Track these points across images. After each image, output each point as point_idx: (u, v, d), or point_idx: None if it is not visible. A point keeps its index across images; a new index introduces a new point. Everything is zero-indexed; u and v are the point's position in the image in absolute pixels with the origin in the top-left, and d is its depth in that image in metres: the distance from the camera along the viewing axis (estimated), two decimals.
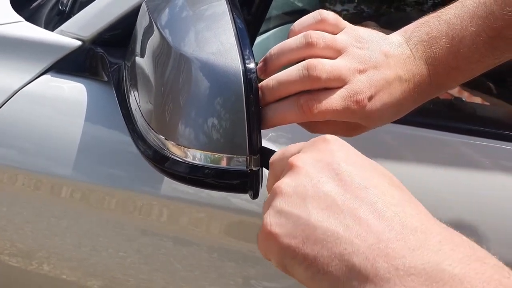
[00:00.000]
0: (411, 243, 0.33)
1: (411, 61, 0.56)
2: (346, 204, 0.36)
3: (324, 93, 0.53)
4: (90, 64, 0.84)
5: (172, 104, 0.55)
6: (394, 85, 0.55)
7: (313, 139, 0.42)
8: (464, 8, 0.56)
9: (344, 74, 0.53)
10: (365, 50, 0.55)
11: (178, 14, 0.59)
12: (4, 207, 0.89)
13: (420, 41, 0.56)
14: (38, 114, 0.83)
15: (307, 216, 0.36)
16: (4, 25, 0.89)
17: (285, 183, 0.39)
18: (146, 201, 0.80)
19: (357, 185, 0.37)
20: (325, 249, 0.34)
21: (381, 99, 0.55)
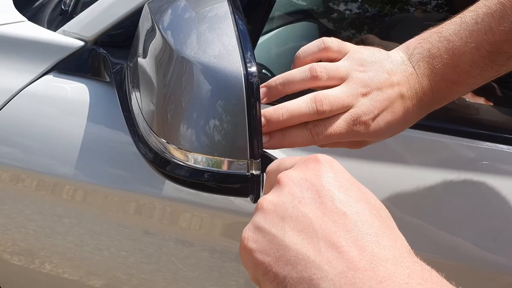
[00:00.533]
0: (379, 274, 0.33)
1: (414, 78, 0.58)
2: (322, 228, 0.36)
3: (330, 119, 0.56)
4: (92, 64, 0.84)
5: (173, 107, 0.54)
6: (397, 103, 0.58)
7: (307, 157, 0.43)
8: (463, 25, 0.57)
9: (346, 102, 0.56)
10: (368, 73, 0.58)
11: (180, 16, 0.59)
12: (6, 206, 0.90)
13: (422, 58, 0.58)
14: (40, 113, 0.83)
15: (282, 236, 0.37)
16: (7, 25, 0.89)
17: (267, 200, 0.40)
18: (148, 201, 0.81)
19: (336, 210, 0.37)
20: (295, 271, 0.35)
21: (385, 118, 0.57)
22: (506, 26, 0.55)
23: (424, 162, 0.76)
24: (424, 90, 0.58)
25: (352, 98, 0.56)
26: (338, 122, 0.56)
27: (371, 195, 0.40)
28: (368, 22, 1.12)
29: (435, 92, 0.58)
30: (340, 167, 0.42)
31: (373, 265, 0.34)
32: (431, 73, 0.58)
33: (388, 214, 0.39)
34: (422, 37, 0.60)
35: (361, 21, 1.12)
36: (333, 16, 1.14)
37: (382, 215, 0.38)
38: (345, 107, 0.56)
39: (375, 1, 1.12)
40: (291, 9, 1.13)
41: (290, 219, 0.37)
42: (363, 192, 0.40)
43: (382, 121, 0.57)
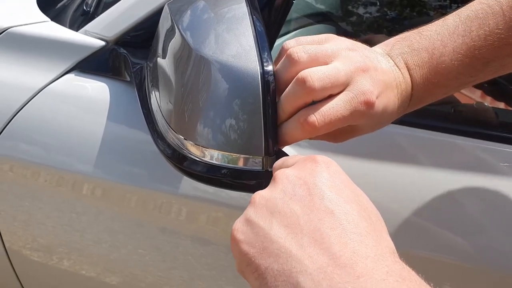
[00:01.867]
0: (357, 270, 0.34)
1: (396, 70, 0.55)
2: (307, 225, 0.37)
3: (324, 102, 0.50)
4: (113, 64, 0.86)
5: (191, 105, 0.55)
6: (389, 90, 0.54)
7: (306, 157, 0.43)
8: (445, 26, 0.56)
9: (342, 77, 0.50)
10: (359, 52, 0.53)
11: (199, 16, 0.60)
12: (27, 202, 0.91)
13: (401, 53, 0.56)
14: (61, 111, 0.85)
15: (269, 229, 0.38)
16: (31, 24, 0.91)
17: (260, 194, 0.41)
18: (165, 199, 0.81)
19: (324, 208, 0.38)
20: (276, 263, 0.36)
21: (383, 101, 0.53)
22: (485, 30, 0.54)
23: (441, 164, 0.76)
24: (407, 85, 0.56)
25: (350, 74, 0.51)
26: (336, 104, 0.50)
27: (365, 198, 0.41)
28: (386, 25, 1.12)
29: (414, 89, 0.56)
30: (337, 169, 0.42)
31: (352, 261, 0.34)
32: (410, 69, 0.56)
33: (379, 218, 0.40)
34: (401, 36, 0.58)
35: (379, 24, 1.12)
36: (351, 18, 1.14)
37: (371, 217, 0.39)
38: (342, 84, 0.50)
39: (394, 4, 1.12)
40: (310, 11, 1.14)
41: (279, 214, 0.39)
42: (356, 194, 0.40)
43: (381, 103, 0.52)
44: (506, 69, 0.57)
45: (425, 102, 0.59)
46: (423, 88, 0.56)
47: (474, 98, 0.91)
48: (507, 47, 0.55)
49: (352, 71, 0.51)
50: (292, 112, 0.51)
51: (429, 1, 1.11)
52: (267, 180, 0.53)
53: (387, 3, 1.13)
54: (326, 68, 0.50)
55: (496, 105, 0.91)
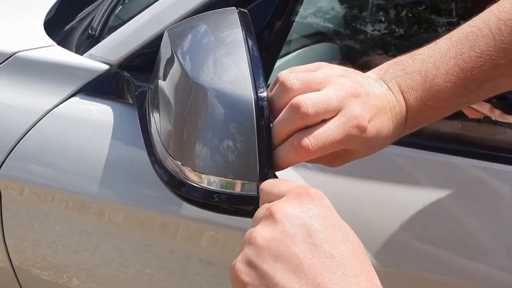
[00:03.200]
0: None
1: (389, 94, 0.56)
2: (310, 269, 0.38)
3: (318, 127, 0.51)
4: (116, 87, 0.87)
5: (189, 129, 0.56)
6: (382, 114, 0.55)
7: (299, 190, 0.44)
8: (437, 49, 0.57)
9: (334, 102, 0.51)
10: (350, 78, 0.54)
11: (199, 41, 0.60)
12: (37, 222, 0.93)
13: (395, 77, 0.56)
14: (67, 134, 0.87)
15: (273, 274, 0.39)
16: (37, 49, 0.93)
17: (260, 234, 0.42)
18: (173, 220, 0.82)
19: (324, 252, 0.39)
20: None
21: (374, 125, 0.53)
22: (477, 52, 0.55)
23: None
24: (401, 109, 0.56)
25: (341, 99, 0.51)
26: (329, 128, 0.51)
27: (351, 233, 0.43)
28: (389, 44, 1.12)
29: (409, 113, 0.57)
30: (329, 205, 0.43)
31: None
32: (404, 92, 0.56)
33: (364, 251, 0.42)
34: (394, 61, 0.58)
35: (382, 43, 1.12)
36: (352, 38, 1.14)
37: (360, 255, 0.41)
38: (334, 109, 0.51)
39: (396, 23, 1.12)
40: (310, 31, 1.15)
41: (282, 258, 0.39)
42: (346, 231, 0.42)
43: (374, 128, 0.53)
44: (499, 89, 0.57)
45: (421, 125, 0.59)
46: (417, 111, 0.57)
47: (482, 112, 0.91)
48: (498, 68, 0.55)
49: (344, 96, 0.52)
50: (285, 137, 0.52)
51: (433, 18, 1.12)
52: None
53: (387, 21, 1.13)
54: (318, 94, 0.51)
55: (506, 119, 0.90)
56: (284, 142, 0.52)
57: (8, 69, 0.92)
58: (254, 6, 0.78)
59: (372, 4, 1.18)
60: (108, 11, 1.04)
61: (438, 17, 1.12)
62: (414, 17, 1.11)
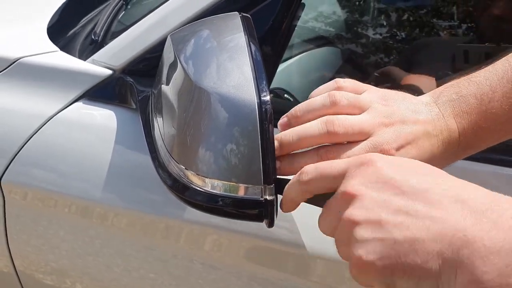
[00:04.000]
0: (485, 225, 0.37)
1: (440, 118, 0.56)
2: (419, 212, 0.40)
3: (345, 145, 0.54)
4: (119, 92, 0.87)
5: (193, 134, 0.57)
6: (423, 140, 0.55)
7: (356, 160, 0.46)
8: (494, 71, 0.56)
9: (366, 128, 0.54)
10: (391, 107, 0.56)
11: (202, 46, 0.61)
12: (41, 227, 0.93)
13: (448, 100, 0.57)
14: (70, 139, 0.87)
15: (390, 235, 0.40)
16: (41, 55, 0.94)
17: (354, 214, 0.43)
18: (176, 224, 0.82)
19: (420, 191, 0.41)
20: (418, 256, 0.39)
21: (409, 152, 0.54)
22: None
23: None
24: (451, 133, 0.56)
25: (373, 126, 0.54)
26: (354, 149, 0.53)
27: (422, 163, 0.46)
28: (390, 48, 1.12)
29: (461, 136, 0.56)
30: (388, 156, 0.47)
31: (476, 220, 0.38)
32: (457, 115, 0.56)
33: (442, 171, 0.45)
34: (450, 83, 0.58)
35: (383, 46, 1.12)
36: (355, 41, 1.15)
37: (444, 173, 0.44)
38: (364, 134, 0.54)
39: (398, 26, 1.13)
40: (314, 35, 1.15)
41: (387, 219, 0.41)
42: (418, 164, 0.46)
43: (406, 154, 0.54)
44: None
45: (479, 148, 0.59)
46: (472, 134, 0.56)
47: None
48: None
49: (376, 124, 0.54)
50: (306, 144, 0.55)
51: (434, 21, 1.12)
52: (266, 209, 0.54)
53: (389, 25, 1.13)
54: (354, 117, 0.55)
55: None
56: (309, 150, 0.55)
57: (11, 74, 0.93)
58: (256, 11, 0.79)
59: (373, 8, 1.19)
60: (111, 17, 1.04)
61: (440, 20, 1.12)
62: (415, 21, 1.11)
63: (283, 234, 0.75)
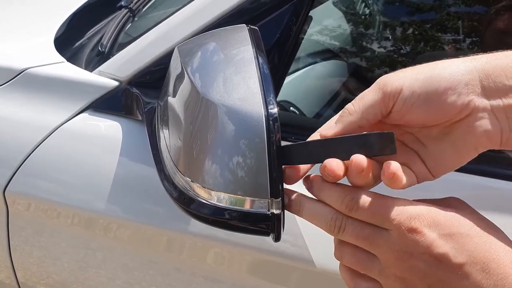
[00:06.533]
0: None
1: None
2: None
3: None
4: (125, 103, 0.87)
5: (199, 145, 0.56)
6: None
7: (406, 229, 0.46)
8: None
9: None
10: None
11: (209, 59, 0.61)
12: (43, 238, 0.92)
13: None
14: (76, 149, 0.87)
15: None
16: (47, 65, 0.94)
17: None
18: (179, 237, 0.82)
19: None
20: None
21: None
22: None
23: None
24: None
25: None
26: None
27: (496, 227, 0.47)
28: (396, 61, 1.12)
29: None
30: (438, 220, 0.46)
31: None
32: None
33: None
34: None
35: (389, 60, 1.12)
36: (361, 55, 1.15)
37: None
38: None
39: (403, 40, 1.13)
40: (320, 48, 1.15)
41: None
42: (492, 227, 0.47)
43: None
44: None
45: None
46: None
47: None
48: None
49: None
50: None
51: (439, 35, 1.12)
52: (273, 223, 0.53)
53: (394, 39, 1.14)
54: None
55: None
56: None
57: (18, 85, 0.93)
58: (263, 24, 0.79)
59: (379, 22, 1.19)
60: (118, 28, 1.05)
61: (445, 34, 1.12)
62: (421, 35, 1.12)
63: (287, 248, 0.74)
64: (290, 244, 0.74)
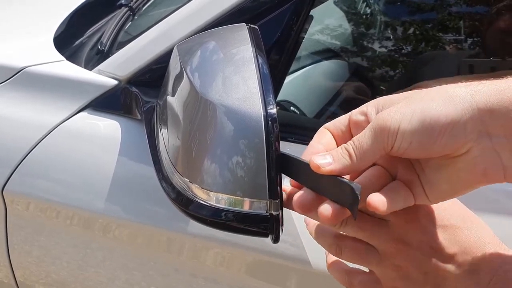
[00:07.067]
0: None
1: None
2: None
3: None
4: (124, 102, 0.87)
5: (198, 145, 0.56)
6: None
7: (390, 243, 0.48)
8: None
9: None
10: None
11: (208, 58, 0.60)
12: (43, 237, 0.92)
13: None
14: (74, 149, 0.86)
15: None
16: (46, 64, 0.94)
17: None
18: (178, 237, 0.81)
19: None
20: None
21: None
22: None
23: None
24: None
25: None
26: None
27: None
28: (397, 61, 1.12)
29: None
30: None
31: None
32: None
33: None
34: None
35: (390, 60, 1.12)
36: (362, 54, 1.14)
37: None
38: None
39: (404, 40, 1.12)
40: (321, 47, 1.15)
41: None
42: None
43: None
44: None
45: None
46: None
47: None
48: None
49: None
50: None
51: (440, 35, 1.12)
52: (271, 224, 0.53)
53: (395, 39, 1.13)
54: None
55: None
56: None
57: (17, 83, 0.93)
58: (264, 23, 0.78)
59: (380, 22, 1.18)
60: (118, 27, 1.04)
61: (446, 34, 1.12)
62: (422, 35, 1.11)
63: (287, 249, 0.74)
64: (289, 244, 0.74)
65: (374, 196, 0.44)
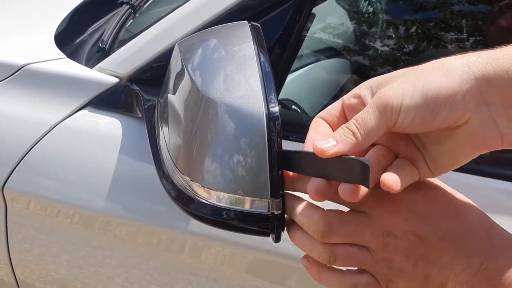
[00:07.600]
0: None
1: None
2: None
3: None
4: (125, 100, 0.87)
5: (199, 144, 0.55)
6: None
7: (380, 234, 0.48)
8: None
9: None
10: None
11: (209, 56, 0.60)
12: (43, 236, 0.92)
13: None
14: (75, 147, 0.86)
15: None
16: (47, 62, 0.93)
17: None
18: (179, 236, 0.81)
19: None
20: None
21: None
22: None
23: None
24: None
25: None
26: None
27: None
28: (399, 60, 1.12)
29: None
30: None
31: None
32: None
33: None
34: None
35: (392, 58, 1.12)
36: (364, 53, 1.14)
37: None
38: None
39: (406, 38, 1.12)
40: (323, 45, 1.14)
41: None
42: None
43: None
44: None
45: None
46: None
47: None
48: None
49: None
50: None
51: (442, 34, 1.11)
52: (273, 223, 0.52)
53: (397, 37, 1.13)
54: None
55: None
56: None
57: (17, 81, 0.93)
58: (266, 20, 0.78)
59: (382, 20, 1.18)
60: (119, 25, 1.04)
61: (448, 33, 1.11)
62: (424, 33, 1.11)
63: (288, 248, 0.74)
64: (290, 243, 0.73)
65: (388, 176, 0.44)
